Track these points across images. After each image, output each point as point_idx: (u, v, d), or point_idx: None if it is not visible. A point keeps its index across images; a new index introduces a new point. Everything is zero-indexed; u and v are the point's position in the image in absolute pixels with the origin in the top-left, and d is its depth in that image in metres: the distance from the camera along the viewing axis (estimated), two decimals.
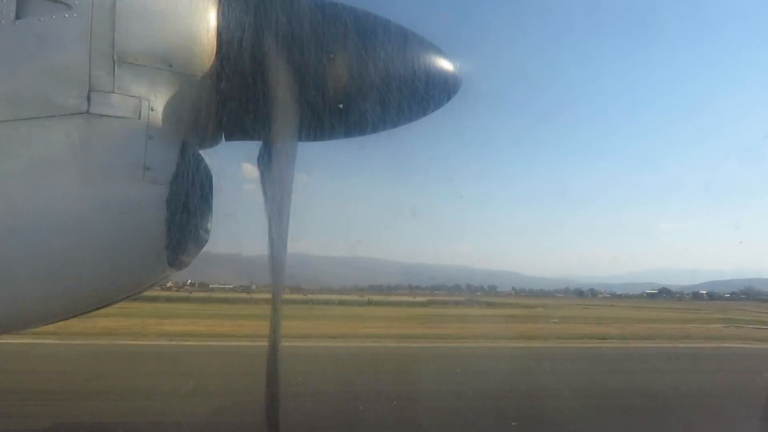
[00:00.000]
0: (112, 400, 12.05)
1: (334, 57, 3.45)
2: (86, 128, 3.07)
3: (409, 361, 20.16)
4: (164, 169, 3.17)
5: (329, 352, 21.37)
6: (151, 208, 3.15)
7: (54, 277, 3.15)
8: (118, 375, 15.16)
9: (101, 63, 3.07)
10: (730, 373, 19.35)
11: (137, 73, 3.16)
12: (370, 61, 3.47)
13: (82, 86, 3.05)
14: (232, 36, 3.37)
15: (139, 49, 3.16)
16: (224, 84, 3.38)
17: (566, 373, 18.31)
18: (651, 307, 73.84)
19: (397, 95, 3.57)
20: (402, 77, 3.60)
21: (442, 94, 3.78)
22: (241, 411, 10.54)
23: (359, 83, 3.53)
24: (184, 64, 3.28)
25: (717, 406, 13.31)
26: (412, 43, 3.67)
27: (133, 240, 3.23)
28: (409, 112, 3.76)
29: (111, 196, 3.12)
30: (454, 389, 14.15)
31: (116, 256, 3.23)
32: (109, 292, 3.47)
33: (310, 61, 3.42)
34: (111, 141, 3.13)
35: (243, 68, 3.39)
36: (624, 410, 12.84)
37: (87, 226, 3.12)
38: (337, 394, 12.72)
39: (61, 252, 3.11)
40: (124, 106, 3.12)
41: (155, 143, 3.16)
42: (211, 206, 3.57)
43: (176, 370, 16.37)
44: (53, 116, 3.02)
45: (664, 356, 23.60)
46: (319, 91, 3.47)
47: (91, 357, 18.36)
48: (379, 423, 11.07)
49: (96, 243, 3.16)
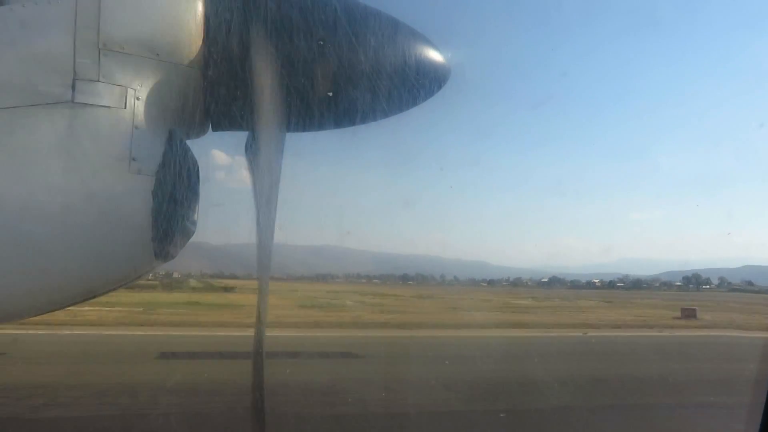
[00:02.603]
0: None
1: (323, 46, 3.44)
2: (71, 117, 3.01)
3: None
4: (150, 160, 3.12)
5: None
6: (136, 199, 3.11)
7: (39, 269, 3.08)
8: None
9: (86, 51, 3.01)
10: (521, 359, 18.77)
11: (123, 61, 3.10)
12: (359, 50, 3.47)
13: (67, 75, 2.98)
14: (220, 24, 3.32)
15: (124, 38, 3.10)
16: (211, 73, 3.34)
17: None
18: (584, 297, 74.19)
19: (386, 85, 3.58)
20: (391, 67, 3.60)
21: (432, 85, 3.79)
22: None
23: (348, 73, 3.52)
24: (170, 53, 3.23)
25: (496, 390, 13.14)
26: (401, 32, 3.68)
27: (118, 231, 3.18)
28: (399, 102, 3.77)
29: (96, 187, 3.06)
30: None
31: (102, 248, 3.18)
32: (95, 284, 3.41)
33: (299, 50, 3.39)
34: (96, 130, 3.07)
35: (230, 57, 3.35)
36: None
37: (71, 216, 3.06)
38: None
39: (46, 243, 3.04)
40: (109, 95, 3.07)
41: (141, 133, 3.12)
42: (198, 197, 3.54)
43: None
44: (37, 105, 2.96)
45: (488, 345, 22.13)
46: (307, 80, 3.46)
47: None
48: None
49: (81, 234, 3.10)
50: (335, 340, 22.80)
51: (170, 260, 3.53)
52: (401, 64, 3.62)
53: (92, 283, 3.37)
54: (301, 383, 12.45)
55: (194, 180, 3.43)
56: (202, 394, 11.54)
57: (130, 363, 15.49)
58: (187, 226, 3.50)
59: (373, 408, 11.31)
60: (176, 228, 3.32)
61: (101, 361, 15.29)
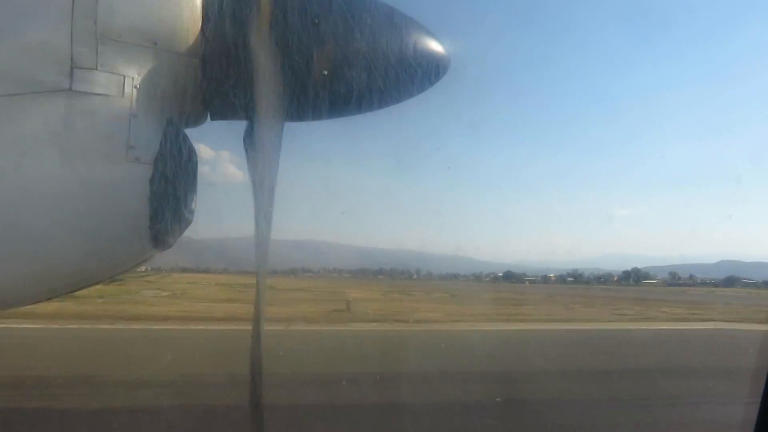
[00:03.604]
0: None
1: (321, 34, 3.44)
2: (68, 106, 3.00)
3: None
4: (148, 148, 3.13)
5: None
6: (134, 187, 3.11)
7: (35, 257, 3.08)
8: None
9: (84, 39, 2.99)
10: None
11: (121, 50, 3.09)
12: (358, 38, 3.49)
13: (65, 63, 2.97)
14: (218, 12, 3.33)
15: (123, 26, 3.09)
16: (210, 61, 3.34)
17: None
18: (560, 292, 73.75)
19: (385, 74, 3.59)
20: (391, 56, 3.61)
21: (429, 77, 3.82)
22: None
23: (346, 61, 3.53)
24: (168, 41, 3.22)
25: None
26: (400, 22, 3.69)
27: (115, 220, 3.18)
28: (396, 92, 3.80)
29: (93, 175, 3.06)
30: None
31: (98, 236, 3.18)
32: (92, 273, 3.41)
33: (298, 39, 3.41)
34: (94, 119, 3.06)
35: (229, 45, 3.35)
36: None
37: (69, 205, 3.05)
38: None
39: (43, 232, 3.04)
40: (107, 83, 3.06)
41: (139, 122, 3.11)
42: (195, 186, 3.54)
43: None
44: (35, 93, 2.94)
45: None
46: (306, 69, 3.48)
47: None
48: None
49: (78, 223, 3.10)
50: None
51: (168, 248, 3.54)
52: (401, 54, 3.64)
53: (90, 270, 3.38)
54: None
55: (192, 169, 3.44)
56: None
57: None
58: (184, 215, 3.51)
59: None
60: (174, 216, 3.33)
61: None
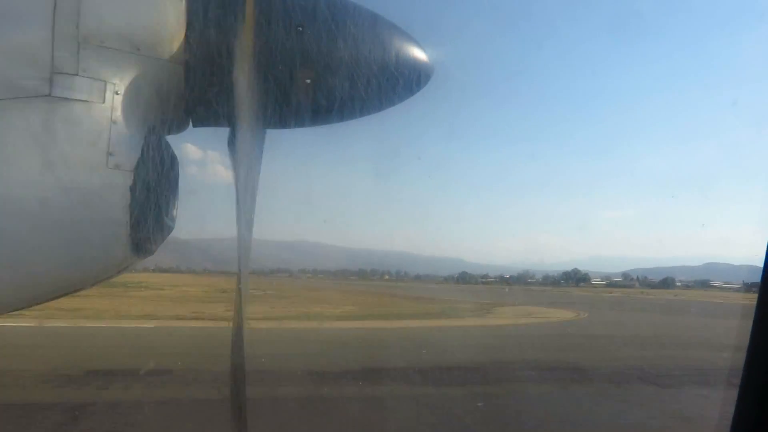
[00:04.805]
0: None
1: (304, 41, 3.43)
2: (48, 111, 2.96)
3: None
4: (129, 155, 3.09)
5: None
6: (114, 194, 3.07)
7: (14, 265, 3.03)
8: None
9: (65, 44, 2.95)
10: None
11: (103, 55, 3.06)
12: (341, 46, 3.48)
13: (45, 68, 2.93)
14: (202, 19, 3.30)
15: (105, 31, 3.06)
16: (193, 68, 3.32)
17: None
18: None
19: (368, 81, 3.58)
20: (374, 63, 3.59)
21: (414, 83, 3.81)
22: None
23: (329, 68, 3.52)
24: (151, 48, 3.19)
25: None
26: (384, 30, 3.68)
27: (96, 227, 3.14)
28: (378, 100, 3.79)
29: (73, 182, 3.02)
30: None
31: (78, 244, 3.14)
32: (71, 281, 3.36)
33: (281, 46, 3.40)
34: (74, 125, 3.02)
35: (212, 52, 3.33)
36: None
37: (49, 212, 3.01)
38: None
39: (23, 238, 3.00)
40: (88, 89, 3.02)
41: (120, 128, 3.08)
42: (177, 193, 3.52)
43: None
44: (13, 98, 2.90)
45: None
46: (290, 76, 3.46)
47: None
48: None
49: (57, 230, 3.06)
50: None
51: (149, 256, 3.51)
52: (384, 61, 3.63)
53: (69, 278, 3.33)
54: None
55: (173, 176, 3.41)
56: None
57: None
58: (165, 222, 3.48)
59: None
60: (154, 224, 3.31)
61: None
